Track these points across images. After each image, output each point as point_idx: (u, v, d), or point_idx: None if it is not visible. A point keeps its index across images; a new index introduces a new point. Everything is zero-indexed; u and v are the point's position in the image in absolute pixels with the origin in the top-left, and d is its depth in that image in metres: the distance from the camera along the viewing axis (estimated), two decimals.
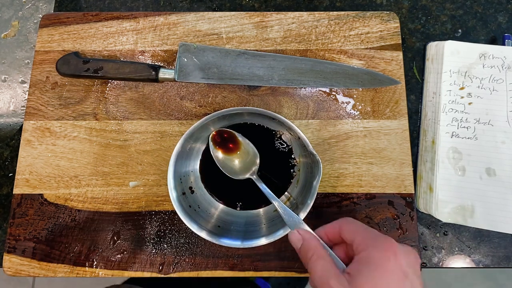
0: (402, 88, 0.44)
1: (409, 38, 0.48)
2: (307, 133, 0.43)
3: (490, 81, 0.43)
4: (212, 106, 0.44)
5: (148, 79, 0.42)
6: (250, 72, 0.43)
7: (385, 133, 0.43)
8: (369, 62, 0.45)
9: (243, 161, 0.39)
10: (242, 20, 0.46)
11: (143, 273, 0.40)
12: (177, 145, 0.36)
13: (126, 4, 0.50)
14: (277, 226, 0.37)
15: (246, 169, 0.39)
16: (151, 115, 0.43)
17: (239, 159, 0.39)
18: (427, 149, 0.43)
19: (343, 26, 0.46)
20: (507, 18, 0.48)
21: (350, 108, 0.43)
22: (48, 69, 0.45)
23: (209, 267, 0.40)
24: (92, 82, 0.45)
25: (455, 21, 0.48)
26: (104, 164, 0.42)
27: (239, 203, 0.41)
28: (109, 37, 0.46)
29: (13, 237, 0.40)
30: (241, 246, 0.36)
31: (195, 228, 0.36)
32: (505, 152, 0.41)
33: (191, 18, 0.46)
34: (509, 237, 0.42)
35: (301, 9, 0.49)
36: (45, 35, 0.46)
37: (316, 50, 0.45)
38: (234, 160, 0.39)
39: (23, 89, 0.47)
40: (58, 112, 0.44)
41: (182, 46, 0.43)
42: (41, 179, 0.42)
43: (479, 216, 0.40)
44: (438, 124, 0.43)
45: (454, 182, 0.41)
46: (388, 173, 0.42)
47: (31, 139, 0.43)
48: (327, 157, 0.42)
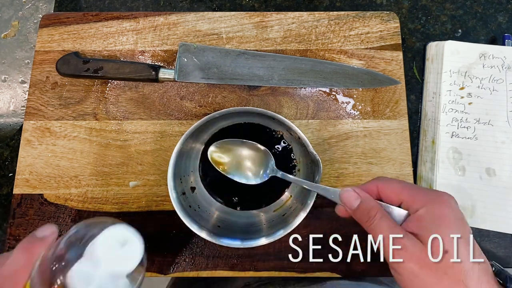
0: (402, 88, 0.44)
1: (409, 38, 0.48)
2: (307, 133, 0.43)
3: (490, 81, 0.43)
4: (212, 106, 0.44)
5: (148, 79, 0.42)
6: (250, 72, 0.43)
7: (385, 133, 0.43)
8: (369, 62, 0.45)
9: (255, 164, 0.39)
10: (242, 20, 0.46)
11: None
12: (177, 145, 0.36)
13: (126, 4, 0.50)
14: (277, 226, 0.37)
15: (262, 169, 0.38)
16: (151, 115, 0.43)
17: (250, 163, 0.39)
18: (427, 149, 0.43)
19: (343, 26, 0.46)
20: (507, 18, 0.48)
21: (350, 108, 0.43)
22: (48, 69, 0.45)
23: (209, 267, 0.40)
24: (92, 82, 0.45)
25: (455, 21, 0.48)
26: (104, 164, 0.42)
27: (239, 203, 0.41)
28: (109, 37, 0.46)
29: (13, 237, 0.40)
30: (241, 246, 0.36)
31: (195, 228, 0.36)
32: (505, 152, 0.41)
33: (191, 18, 0.46)
34: (509, 237, 0.42)
35: (301, 9, 0.49)
36: (45, 35, 0.46)
37: (316, 50, 0.45)
38: (245, 167, 0.39)
39: (23, 89, 0.47)
40: (58, 112, 0.44)
41: (182, 46, 0.43)
42: (41, 179, 0.42)
43: (479, 216, 0.40)
44: (438, 124, 0.43)
45: (454, 182, 0.41)
46: (388, 173, 0.42)
47: (31, 139, 0.43)
48: (327, 157, 0.42)
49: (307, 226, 0.40)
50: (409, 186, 0.31)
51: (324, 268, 0.39)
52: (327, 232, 0.39)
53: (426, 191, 0.30)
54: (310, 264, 0.39)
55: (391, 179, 0.32)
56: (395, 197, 0.31)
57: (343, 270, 0.39)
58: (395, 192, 0.31)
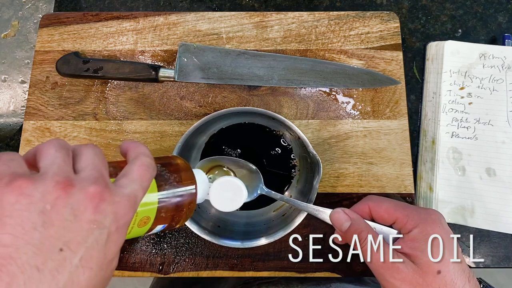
0: (402, 88, 0.44)
1: (409, 38, 0.48)
2: (307, 133, 0.43)
3: (490, 81, 0.43)
4: (212, 106, 0.44)
5: (148, 79, 0.42)
6: (250, 72, 0.43)
7: (385, 133, 0.43)
8: (369, 62, 0.45)
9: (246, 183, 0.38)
10: (242, 20, 0.46)
11: (143, 273, 0.40)
12: (177, 145, 0.36)
13: (126, 4, 0.50)
14: (277, 226, 0.37)
15: (252, 189, 0.38)
16: (151, 115, 0.43)
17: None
18: (427, 149, 0.43)
19: (343, 26, 0.46)
20: (507, 18, 0.48)
21: (350, 108, 0.43)
22: (48, 69, 0.45)
23: (209, 267, 0.40)
24: (92, 82, 0.45)
25: (455, 21, 0.48)
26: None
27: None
28: (109, 37, 0.46)
29: None
30: (241, 246, 0.36)
31: (195, 228, 0.36)
32: (505, 152, 0.41)
33: (191, 18, 0.46)
34: (509, 237, 0.42)
35: (301, 9, 0.49)
36: (45, 35, 0.46)
37: (316, 50, 0.45)
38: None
39: (23, 89, 0.47)
40: (58, 112, 0.44)
41: (182, 46, 0.43)
42: None
43: (479, 216, 0.40)
44: (438, 124, 0.43)
45: (454, 182, 0.41)
46: (388, 173, 0.42)
47: (31, 139, 0.43)
48: (327, 157, 0.42)
49: (307, 226, 0.40)
50: (401, 205, 0.32)
51: (324, 268, 0.39)
52: (327, 232, 0.39)
53: (418, 210, 0.31)
54: (310, 264, 0.39)
55: (382, 198, 0.33)
56: (387, 217, 0.31)
57: (343, 270, 0.39)
58: (387, 212, 0.31)
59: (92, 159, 0.22)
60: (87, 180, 0.20)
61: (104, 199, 0.20)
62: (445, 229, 0.30)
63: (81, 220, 0.19)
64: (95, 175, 0.21)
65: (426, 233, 0.29)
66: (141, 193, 0.23)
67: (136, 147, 0.25)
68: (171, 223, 0.29)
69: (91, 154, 0.22)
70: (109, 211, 0.20)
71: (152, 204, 0.26)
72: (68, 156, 0.21)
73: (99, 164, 0.22)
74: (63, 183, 0.19)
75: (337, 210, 0.33)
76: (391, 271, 0.28)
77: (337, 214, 0.33)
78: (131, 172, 0.23)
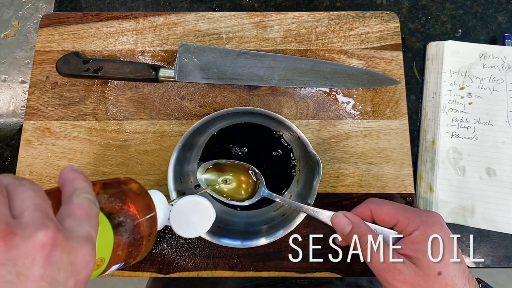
0: (402, 88, 0.44)
1: (409, 38, 0.48)
2: (307, 133, 0.43)
3: (490, 81, 0.43)
4: (212, 106, 0.44)
5: (148, 79, 0.42)
6: (250, 72, 0.43)
7: (385, 133, 0.43)
8: (369, 62, 0.45)
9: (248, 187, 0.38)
10: (242, 20, 0.46)
11: (143, 273, 0.40)
12: (177, 145, 0.36)
13: (126, 4, 0.50)
14: (277, 226, 0.37)
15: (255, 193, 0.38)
16: (151, 115, 0.43)
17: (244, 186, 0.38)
18: (427, 149, 0.43)
19: (343, 26, 0.46)
20: (507, 18, 0.48)
21: (350, 108, 0.43)
22: (48, 69, 0.45)
23: (209, 267, 0.40)
24: (92, 82, 0.45)
25: (455, 21, 0.48)
26: (104, 164, 0.42)
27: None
28: (109, 37, 0.46)
29: None
30: (241, 246, 0.36)
31: None
32: (505, 152, 0.41)
33: (191, 18, 0.46)
34: (509, 237, 0.42)
35: (301, 9, 0.49)
36: (45, 35, 0.46)
37: (316, 50, 0.45)
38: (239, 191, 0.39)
39: (23, 89, 0.47)
40: (58, 112, 0.44)
41: (182, 46, 0.43)
42: (41, 179, 0.42)
43: (479, 216, 0.40)
44: (438, 124, 0.43)
45: (454, 182, 0.41)
46: (388, 173, 0.42)
47: (31, 139, 0.43)
48: (327, 157, 0.42)
49: (307, 226, 0.40)
50: (402, 208, 0.32)
51: (324, 268, 0.39)
52: (327, 232, 0.39)
53: (419, 212, 0.31)
54: (310, 264, 0.39)
55: (383, 201, 0.33)
56: (389, 220, 0.32)
57: (343, 270, 0.39)
58: (389, 214, 0.32)
59: (32, 197, 0.17)
60: (32, 225, 0.16)
61: (57, 246, 0.16)
62: (445, 230, 0.30)
63: (27, 279, 0.15)
64: (41, 216, 0.16)
65: (427, 235, 0.29)
66: (94, 234, 0.19)
67: (72, 182, 0.21)
68: (128, 260, 0.25)
69: (29, 191, 0.17)
70: (64, 262, 0.16)
71: (106, 243, 0.22)
72: (2, 195, 0.16)
73: (43, 203, 0.17)
74: (1, 232, 0.15)
75: (338, 214, 0.33)
76: (392, 272, 0.29)
77: (338, 218, 0.33)
78: (73, 211, 0.19)
